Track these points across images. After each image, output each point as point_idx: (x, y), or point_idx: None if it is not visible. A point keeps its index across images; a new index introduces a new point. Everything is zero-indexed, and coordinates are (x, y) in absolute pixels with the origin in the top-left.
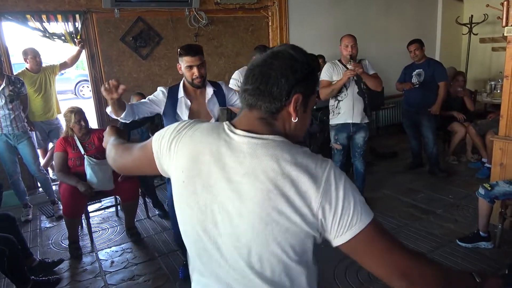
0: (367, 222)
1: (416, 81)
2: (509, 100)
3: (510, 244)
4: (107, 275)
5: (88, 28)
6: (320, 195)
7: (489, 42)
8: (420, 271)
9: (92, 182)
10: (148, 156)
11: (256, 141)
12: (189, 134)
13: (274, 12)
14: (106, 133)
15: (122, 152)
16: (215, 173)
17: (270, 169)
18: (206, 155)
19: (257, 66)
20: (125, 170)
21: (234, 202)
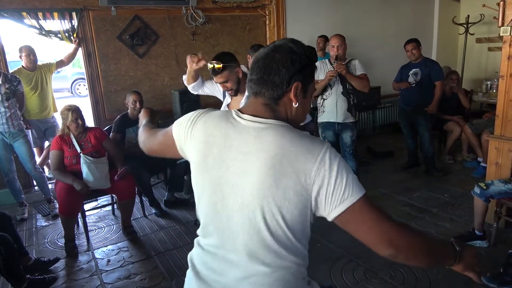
0: (358, 197)
1: (412, 80)
2: (504, 100)
3: (505, 242)
4: (103, 274)
5: (84, 26)
6: (314, 173)
7: (485, 42)
8: (405, 240)
9: (88, 181)
10: (169, 141)
11: (260, 125)
12: (203, 120)
13: (271, 10)
14: (141, 115)
15: (150, 136)
16: (224, 153)
17: (272, 149)
18: (216, 137)
19: (261, 59)
20: (152, 152)
21: (241, 176)
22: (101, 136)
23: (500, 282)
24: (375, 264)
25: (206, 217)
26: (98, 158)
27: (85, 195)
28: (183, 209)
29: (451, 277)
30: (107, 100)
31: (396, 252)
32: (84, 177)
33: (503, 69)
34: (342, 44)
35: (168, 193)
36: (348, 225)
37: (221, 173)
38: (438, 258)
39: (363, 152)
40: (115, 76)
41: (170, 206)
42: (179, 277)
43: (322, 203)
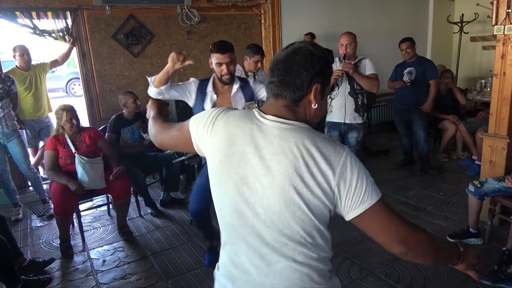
0: (376, 200)
1: (407, 79)
2: (498, 98)
3: (499, 240)
4: (99, 274)
5: (79, 25)
6: (337, 176)
7: (479, 40)
8: (416, 239)
9: (83, 181)
10: (184, 137)
11: (284, 126)
12: (224, 119)
13: (266, 10)
14: (148, 106)
15: (162, 130)
16: (249, 152)
17: (297, 149)
18: (240, 137)
19: (281, 61)
20: (163, 146)
21: (265, 176)
22: (96, 136)
23: (495, 279)
24: (371, 262)
25: (225, 221)
26: (93, 158)
27: (80, 195)
28: (179, 208)
29: (445, 275)
30: (102, 100)
31: (407, 250)
32: (79, 177)
33: (497, 68)
34: (352, 43)
35: (163, 192)
36: (364, 224)
37: (246, 172)
38: (444, 257)
39: (359, 151)
40: (110, 76)
41: (166, 206)
42: (175, 276)
43: (343, 204)
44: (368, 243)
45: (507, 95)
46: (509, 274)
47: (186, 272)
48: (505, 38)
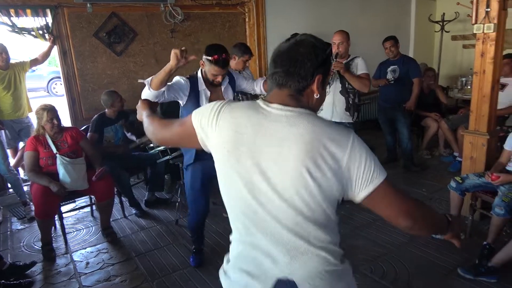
0: (383, 178)
1: (391, 77)
2: (478, 96)
3: (480, 234)
4: (82, 277)
5: (59, 23)
6: (347, 158)
7: (460, 39)
8: (421, 212)
9: (65, 182)
10: (188, 132)
11: (291, 113)
12: (229, 111)
13: (250, 8)
14: (138, 106)
15: (162, 127)
16: (258, 141)
17: (307, 135)
18: (248, 127)
19: (285, 53)
20: (164, 143)
21: (278, 162)
22: (78, 136)
23: (476, 273)
24: (355, 259)
25: (235, 212)
26: (75, 159)
27: (62, 197)
28: (164, 208)
29: (428, 269)
30: (84, 99)
31: (413, 223)
32: (60, 178)
33: (477, 66)
34: (344, 42)
35: (148, 193)
36: (374, 202)
37: (256, 160)
38: (438, 228)
39: None
40: (92, 75)
41: (151, 206)
42: (160, 277)
43: (353, 184)
44: (353, 240)
45: (487, 93)
46: (490, 267)
47: (171, 272)
48: (484, 37)
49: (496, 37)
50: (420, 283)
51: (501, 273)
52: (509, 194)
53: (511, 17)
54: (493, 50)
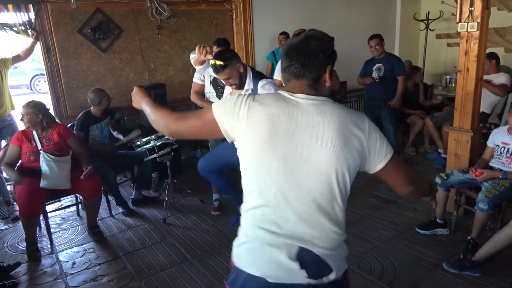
0: (392, 153)
1: (376, 75)
2: (462, 94)
3: (464, 229)
4: (68, 277)
5: (42, 19)
6: (367, 137)
7: (444, 38)
8: (418, 179)
9: (46, 179)
10: (207, 125)
11: (316, 102)
12: (257, 103)
13: (238, 5)
14: (134, 93)
15: (176, 120)
16: (293, 129)
17: (335, 120)
18: (281, 116)
19: (298, 46)
20: (178, 136)
21: (312, 147)
22: (65, 133)
23: (460, 268)
24: None
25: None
26: (60, 157)
27: (46, 196)
28: (152, 207)
29: (414, 264)
30: (69, 97)
31: (414, 188)
32: (42, 175)
33: (461, 64)
34: None
35: (135, 191)
36: (385, 173)
37: (292, 147)
38: (426, 192)
39: None
40: (77, 72)
41: (138, 205)
42: (148, 276)
43: (371, 159)
44: None
45: (470, 90)
46: (474, 262)
47: (160, 271)
48: (468, 35)
49: (480, 36)
50: (407, 278)
51: (484, 267)
52: (492, 189)
53: (494, 16)
54: (476, 48)
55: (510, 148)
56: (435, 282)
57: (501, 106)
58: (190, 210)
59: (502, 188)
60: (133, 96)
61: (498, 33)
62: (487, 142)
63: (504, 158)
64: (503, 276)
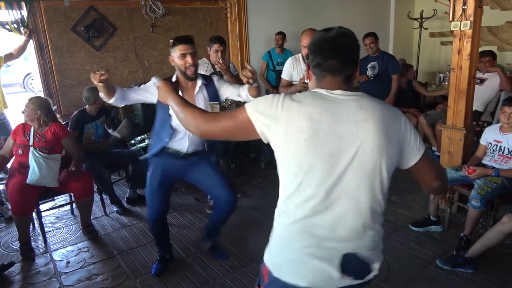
0: (425, 149)
1: (371, 73)
2: (455, 92)
3: (457, 226)
4: (63, 276)
5: (35, 16)
6: (403, 131)
7: (438, 36)
8: (445, 174)
9: (33, 176)
10: (241, 126)
11: (355, 98)
12: (296, 102)
13: (232, 3)
14: (160, 88)
15: (207, 121)
16: (335, 126)
17: (377, 115)
18: (322, 114)
19: (334, 43)
20: (209, 136)
21: (356, 142)
22: (60, 132)
23: (453, 264)
24: None
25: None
26: (49, 154)
27: (38, 193)
28: (146, 206)
29: (408, 261)
30: (63, 95)
31: (441, 183)
32: (30, 171)
33: (454, 62)
34: None
35: (130, 190)
36: (417, 168)
37: (335, 145)
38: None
39: None
40: (71, 70)
41: (133, 204)
42: (143, 275)
43: (405, 152)
44: None
45: (463, 89)
46: (467, 258)
47: None
48: (461, 34)
49: (472, 34)
50: (401, 275)
51: (477, 263)
52: (484, 187)
53: (487, 15)
54: (469, 47)
55: (502, 146)
56: (428, 278)
57: (494, 105)
58: (185, 209)
59: (495, 185)
60: (159, 91)
61: (491, 31)
62: (480, 140)
63: (497, 155)
64: (495, 272)
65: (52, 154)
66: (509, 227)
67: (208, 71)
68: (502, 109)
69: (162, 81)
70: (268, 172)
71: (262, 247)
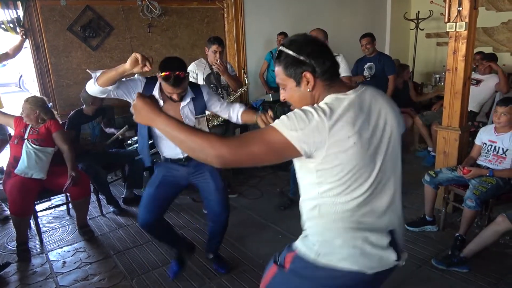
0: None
1: (367, 74)
2: (450, 92)
3: (452, 226)
4: (59, 276)
5: (31, 16)
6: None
7: (434, 37)
8: None
9: (22, 166)
10: (276, 148)
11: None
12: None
13: (229, 4)
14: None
15: (233, 148)
16: (370, 122)
17: (385, 102)
18: (357, 116)
19: (324, 46)
20: (235, 165)
21: (387, 128)
22: (52, 126)
23: (448, 264)
24: None
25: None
26: (41, 147)
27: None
28: None
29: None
30: (59, 95)
31: None
32: (20, 162)
33: (449, 63)
34: None
35: (126, 190)
36: None
37: (375, 136)
38: None
39: None
40: (67, 70)
41: (129, 204)
42: (139, 275)
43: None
44: None
45: (459, 89)
46: (462, 258)
47: (151, 270)
48: (456, 35)
49: (468, 35)
50: (396, 274)
51: (472, 263)
52: (479, 187)
53: (482, 16)
54: (464, 48)
55: (497, 146)
56: (424, 278)
57: (489, 105)
58: (182, 209)
59: (489, 185)
60: (136, 111)
61: (487, 32)
62: (475, 140)
63: (491, 156)
64: (490, 272)
65: (44, 147)
66: (504, 226)
67: (205, 71)
68: (495, 109)
69: (139, 97)
70: (265, 173)
71: (258, 246)
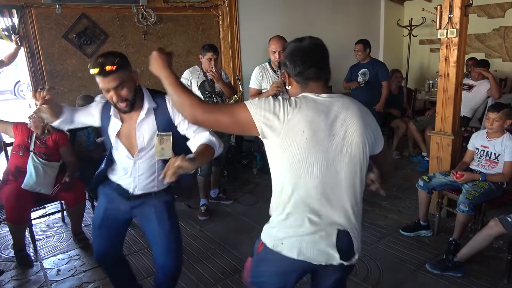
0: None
1: (361, 80)
2: (443, 98)
3: (446, 231)
4: (53, 284)
5: (26, 24)
6: (374, 125)
7: (427, 43)
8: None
9: (29, 181)
10: (240, 123)
11: (338, 99)
12: (293, 106)
13: (224, 11)
14: (154, 58)
15: (205, 112)
16: (329, 124)
17: (357, 110)
18: (318, 116)
19: (312, 52)
20: (200, 125)
21: (345, 137)
22: (60, 140)
23: (443, 268)
24: None
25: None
26: (47, 161)
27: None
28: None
29: (398, 266)
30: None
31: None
32: (26, 176)
33: (441, 69)
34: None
35: None
36: (381, 155)
37: (332, 141)
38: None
39: None
40: (62, 77)
41: None
42: None
43: (375, 144)
44: None
45: (451, 95)
46: (456, 262)
47: (146, 277)
48: (448, 42)
49: (459, 42)
50: (391, 279)
51: (466, 267)
52: (472, 191)
53: (474, 23)
54: (456, 54)
55: (489, 151)
56: (418, 282)
57: (482, 111)
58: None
59: (482, 190)
60: (152, 60)
61: (479, 38)
62: (468, 145)
63: (484, 161)
64: (484, 276)
65: (51, 162)
66: (496, 230)
67: (199, 79)
68: (487, 115)
69: (156, 51)
70: (260, 179)
71: None
